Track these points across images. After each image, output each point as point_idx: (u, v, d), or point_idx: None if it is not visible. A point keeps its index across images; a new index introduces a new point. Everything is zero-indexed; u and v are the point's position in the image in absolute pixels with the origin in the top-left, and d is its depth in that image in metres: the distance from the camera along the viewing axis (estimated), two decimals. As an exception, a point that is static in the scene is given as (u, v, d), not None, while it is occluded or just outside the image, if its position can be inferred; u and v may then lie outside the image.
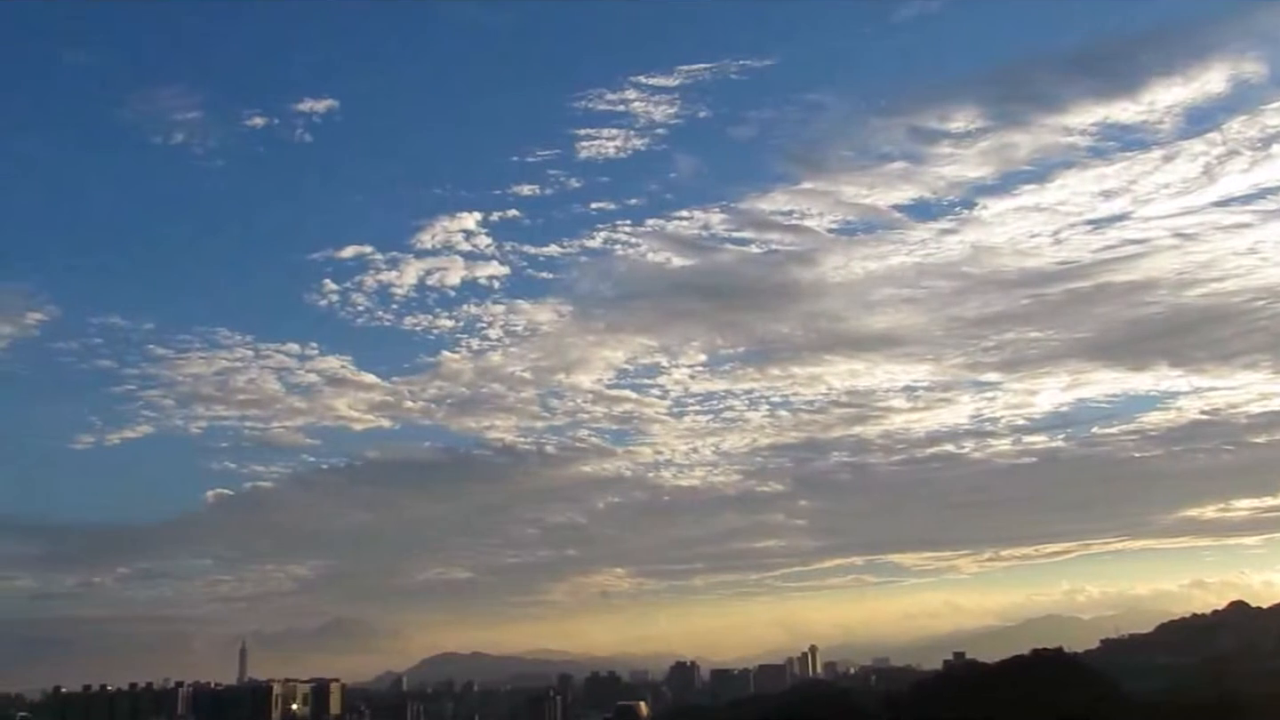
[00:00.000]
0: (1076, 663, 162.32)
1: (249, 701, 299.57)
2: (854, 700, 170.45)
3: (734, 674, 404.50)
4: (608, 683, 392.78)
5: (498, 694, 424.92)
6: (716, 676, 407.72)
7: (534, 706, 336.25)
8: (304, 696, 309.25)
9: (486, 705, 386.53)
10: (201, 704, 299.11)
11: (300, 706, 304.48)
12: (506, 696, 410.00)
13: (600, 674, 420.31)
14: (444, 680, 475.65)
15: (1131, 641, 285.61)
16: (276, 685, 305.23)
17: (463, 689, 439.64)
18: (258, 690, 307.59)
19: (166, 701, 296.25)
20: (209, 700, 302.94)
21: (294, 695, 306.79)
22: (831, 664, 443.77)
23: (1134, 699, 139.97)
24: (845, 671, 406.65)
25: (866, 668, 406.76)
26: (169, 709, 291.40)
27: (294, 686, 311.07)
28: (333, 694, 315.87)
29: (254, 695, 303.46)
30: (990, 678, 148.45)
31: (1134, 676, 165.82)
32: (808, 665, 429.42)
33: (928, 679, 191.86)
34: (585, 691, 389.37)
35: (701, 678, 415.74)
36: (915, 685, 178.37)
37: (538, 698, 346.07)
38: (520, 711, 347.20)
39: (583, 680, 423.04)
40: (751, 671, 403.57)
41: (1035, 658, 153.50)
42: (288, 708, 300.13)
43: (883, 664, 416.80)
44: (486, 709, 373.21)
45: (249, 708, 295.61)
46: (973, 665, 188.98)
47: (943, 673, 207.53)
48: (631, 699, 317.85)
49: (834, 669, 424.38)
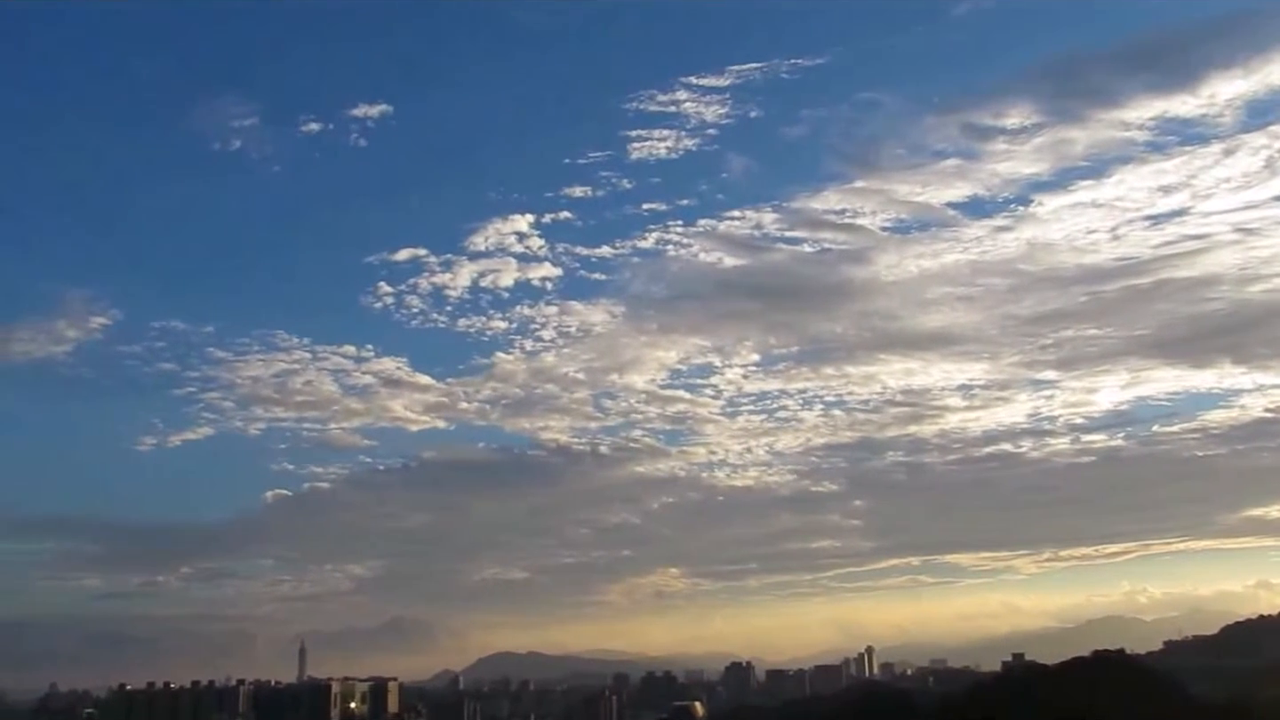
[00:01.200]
0: (1139, 665, 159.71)
1: (308, 700, 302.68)
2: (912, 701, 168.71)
3: (789, 674, 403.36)
4: (663, 683, 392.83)
5: (553, 693, 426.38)
6: (772, 677, 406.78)
7: (589, 706, 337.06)
8: (362, 695, 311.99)
9: (542, 705, 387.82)
10: (262, 702, 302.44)
11: (359, 705, 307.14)
12: (562, 696, 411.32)
13: (655, 674, 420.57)
14: (500, 679, 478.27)
15: (1195, 643, 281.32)
16: (335, 684, 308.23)
17: (519, 688, 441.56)
18: (317, 689, 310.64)
19: (228, 699, 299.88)
20: (269, 698, 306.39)
21: (352, 694, 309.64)
22: (888, 665, 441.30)
23: (1199, 702, 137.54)
24: (902, 672, 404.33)
25: (924, 669, 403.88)
26: (230, 707, 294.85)
27: (352, 685, 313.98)
28: (390, 693, 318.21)
29: (313, 694, 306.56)
30: (1050, 679, 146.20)
31: (1199, 679, 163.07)
32: (864, 666, 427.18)
33: (986, 680, 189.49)
34: (640, 691, 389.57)
35: (757, 678, 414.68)
36: (973, 686, 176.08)
37: (593, 697, 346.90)
38: (576, 711, 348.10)
39: (638, 680, 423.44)
40: (807, 672, 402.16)
41: (1096, 659, 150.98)
42: (346, 706, 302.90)
43: (940, 665, 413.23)
44: (542, 708, 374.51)
45: (308, 706, 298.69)
46: (1032, 667, 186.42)
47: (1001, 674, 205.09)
48: (687, 699, 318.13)
49: (891, 670, 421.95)
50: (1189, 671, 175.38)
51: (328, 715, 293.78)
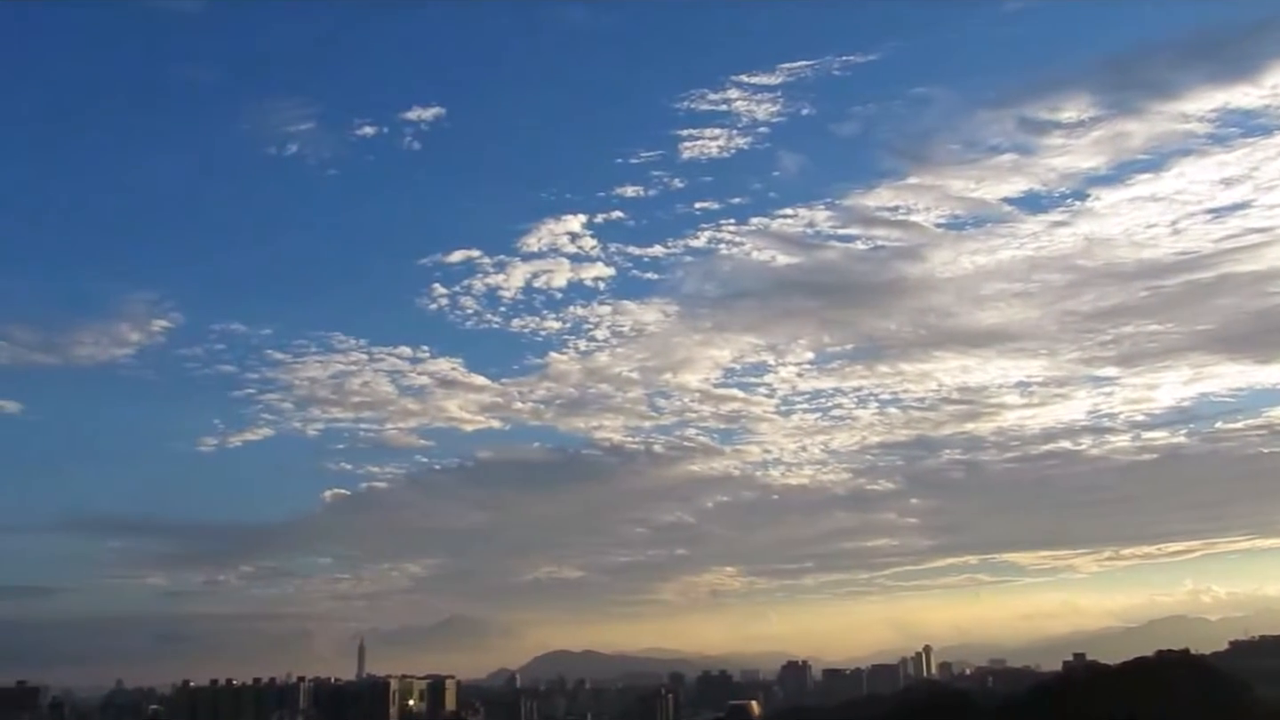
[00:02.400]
0: (1205, 665, 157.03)
1: (368, 697, 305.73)
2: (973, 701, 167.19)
3: (846, 674, 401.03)
4: (719, 682, 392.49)
5: (609, 692, 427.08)
6: (829, 676, 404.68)
7: (646, 705, 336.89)
8: (420, 693, 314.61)
9: (598, 703, 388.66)
10: (322, 699, 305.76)
11: (417, 702, 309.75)
12: (618, 695, 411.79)
13: (711, 673, 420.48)
14: (556, 678, 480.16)
15: (1263, 644, 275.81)
16: (394, 681, 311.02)
17: (575, 686, 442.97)
18: (376, 686, 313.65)
19: (289, 696, 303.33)
20: (329, 696, 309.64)
21: (411, 691, 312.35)
22: (946, 664, 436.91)
23: (1266, 704, 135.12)
24: (961, 672, 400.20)
25: (982, 669, 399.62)
26: (291, 704, 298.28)
27: (411, 683, 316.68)
28: (448, 690, 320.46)
29: (372, 691, 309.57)
30: (1113, 679, 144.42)
31: (1266, 681, 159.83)
32: (922, 665, 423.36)
33: (1047, 680, 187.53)
34: (696, 690, 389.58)
35: (813, 677, 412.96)
36: (1034, 687, 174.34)
37: (649, 696, 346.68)
38: (632, 710, 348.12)
39: (694, 679, 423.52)
40: (864, 671, 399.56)
41: (1161, 660, 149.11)
42: (405, 703, 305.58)
43: (999, 665, 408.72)
44: (598, 707, 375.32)
45: (368, 703, 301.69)
46: (1095, 667, 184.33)
47: (1063, 674, 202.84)
48: (743, 698, 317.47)
49: (949, 670, 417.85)
50: (1256, 673, 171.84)
51: (386, 712, 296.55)
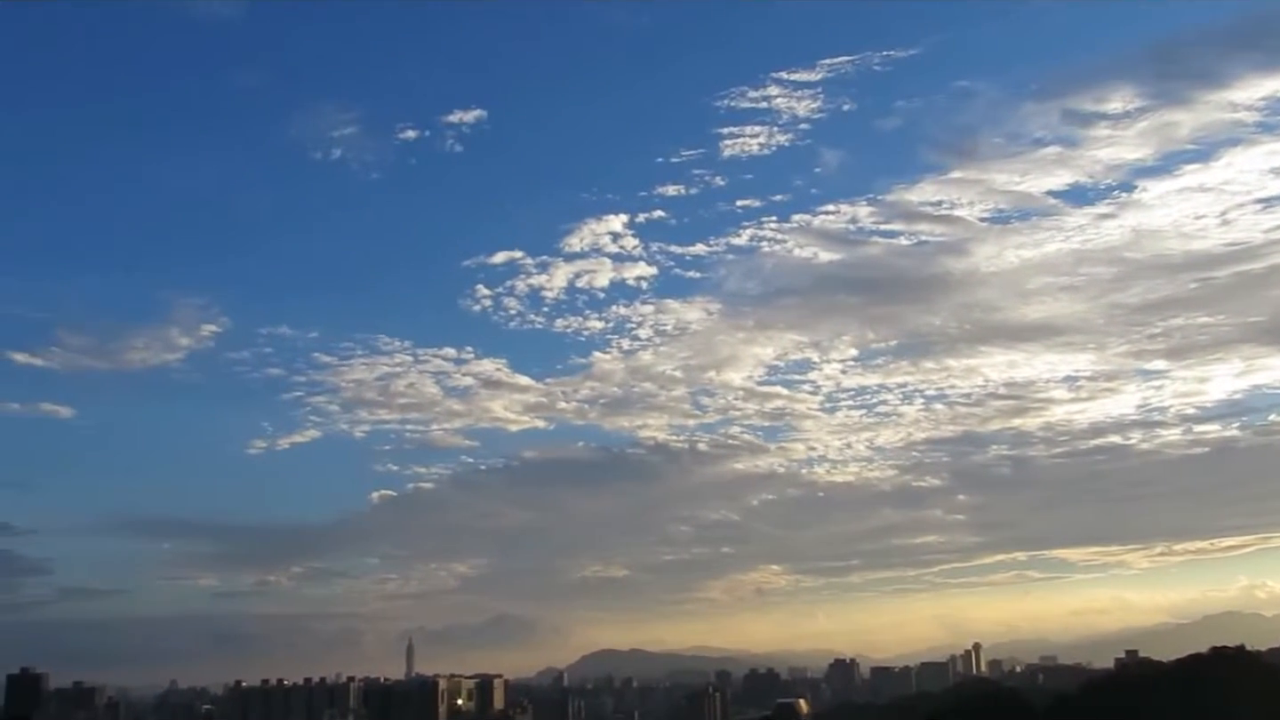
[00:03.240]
0: (1262, 662, 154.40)
1: (417, 696, 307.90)
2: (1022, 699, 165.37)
3: (895, 671, 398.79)
4: (766, 680, 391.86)
5: (657, 690, 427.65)
6: (877, 674, 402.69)
7: (693, 703, 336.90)
8: (469, 691, 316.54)
9: (646, 701, 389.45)
10: (372, 699, 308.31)
11: (465, 701, 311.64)
12: (666, 693, 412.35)
13: (759, 671, 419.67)
14: (603, 676, 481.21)
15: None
16: (442, 680, 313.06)
17: (622, 685, 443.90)
18: (425, 685, 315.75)
19: (339, 696, 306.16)
20: (379, 695, 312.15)
21: (459, 690, 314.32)
22: (996, 662, 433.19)
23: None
24: (1010, 669, 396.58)
25: (1033, 666, 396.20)
26: (341, 703, 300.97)
27: (459, 682, 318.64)
28: (496, 689, 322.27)
29: (422, 690, 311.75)
30: (1167, 677, 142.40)
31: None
32: (971, 663, 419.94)
33: (1099, 678, 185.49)
34: (744, 688, 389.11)
35: (861, 675, 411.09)
36: (1086, 684, 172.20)
37: (697, 694, 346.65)
38: (680, 708, 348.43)
39: (741, 677, 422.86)
40: (913, 669, 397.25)
41: (1215, 656, 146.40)
42: (454, 702, 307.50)
43: (1050, 662, 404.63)
44: (646, 705, 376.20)
45: (417, 703, 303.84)
46: (1148, 664, 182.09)
47: (1115, 671, 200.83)
48: (791, 696, 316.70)
49: (999, 667, 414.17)
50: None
51: (436, 711, 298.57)
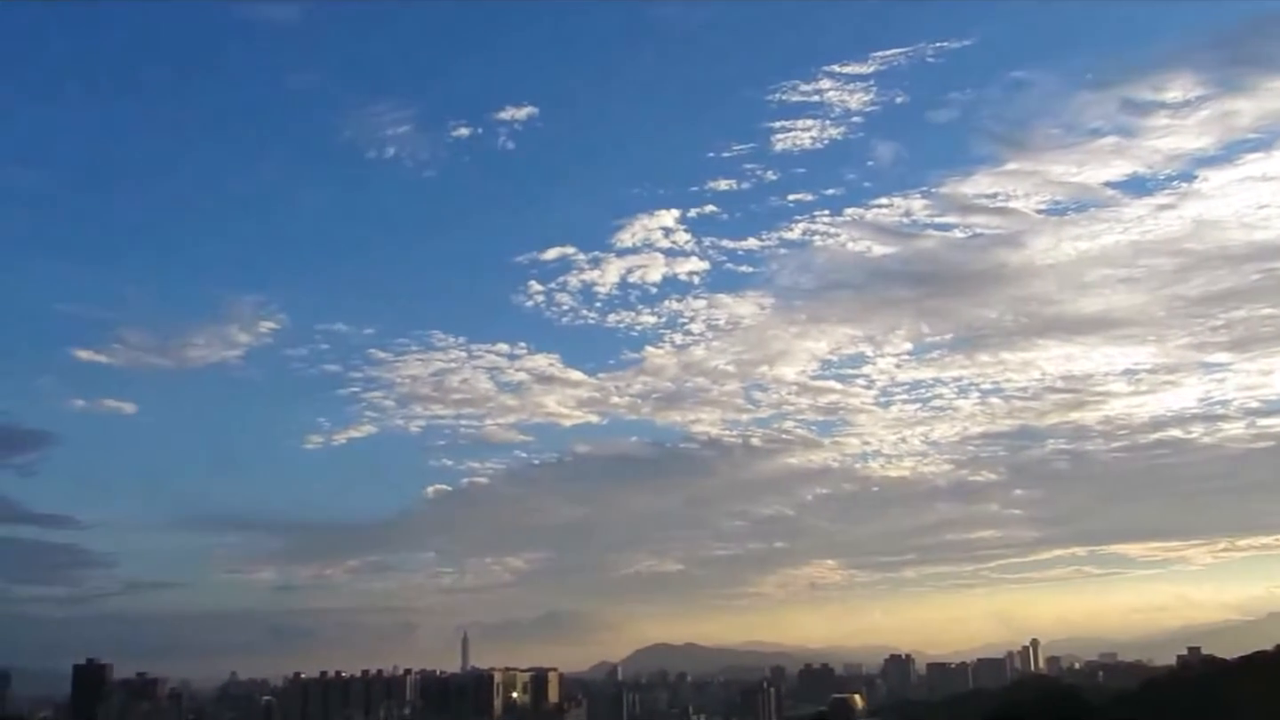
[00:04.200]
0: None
1: (473, 689, 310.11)
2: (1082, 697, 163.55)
3: (951, 668, 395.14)
4: (821, 675, 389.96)
5: (711, 685, 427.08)
6: (933, 670, 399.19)
7: (748, 698, 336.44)
8: (524, 685, 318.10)
9: (700, 696, 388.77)
10: (429, 691, 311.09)
11: (520, 695, 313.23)
12: (720, 688, 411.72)
13: (813, 666, 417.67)
14: (657, 671, 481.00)
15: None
16: (497, 674, 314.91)
17: (676, 680, 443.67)
18: (480, 679, 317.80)
19: (396, 688, 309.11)
20: (435, 688, 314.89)
21: (514, 684, 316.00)
22: (1054, 658, 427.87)
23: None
24: (1069, 667, 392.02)
25: (1093, 663, 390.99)
26: (398, 695, 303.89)
27: (514, 675, 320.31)
28: (551, 683, 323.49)
29: (477, 683, 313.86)
30: (1230, 675, 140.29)
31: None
32: (1029, 659, 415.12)
33: (1160, 676, 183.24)
34: (798, 684, 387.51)
35: (917, 671, 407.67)
36: (1147, 682, 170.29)
37: (751, 689, 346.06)
38: (734, 703, 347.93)
39: (795, 673, 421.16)
40: (970, 665, 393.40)
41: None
42: (509, 696, 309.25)
43: (1110, 659, 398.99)
44: (700, 700, 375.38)
45: (473, 695, 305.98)
46: (1211, 661, 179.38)
47: (1177, 669, 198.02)
48: (846, 692, 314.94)
49: (1057, 664, 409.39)
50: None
51: (491, 704, 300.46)
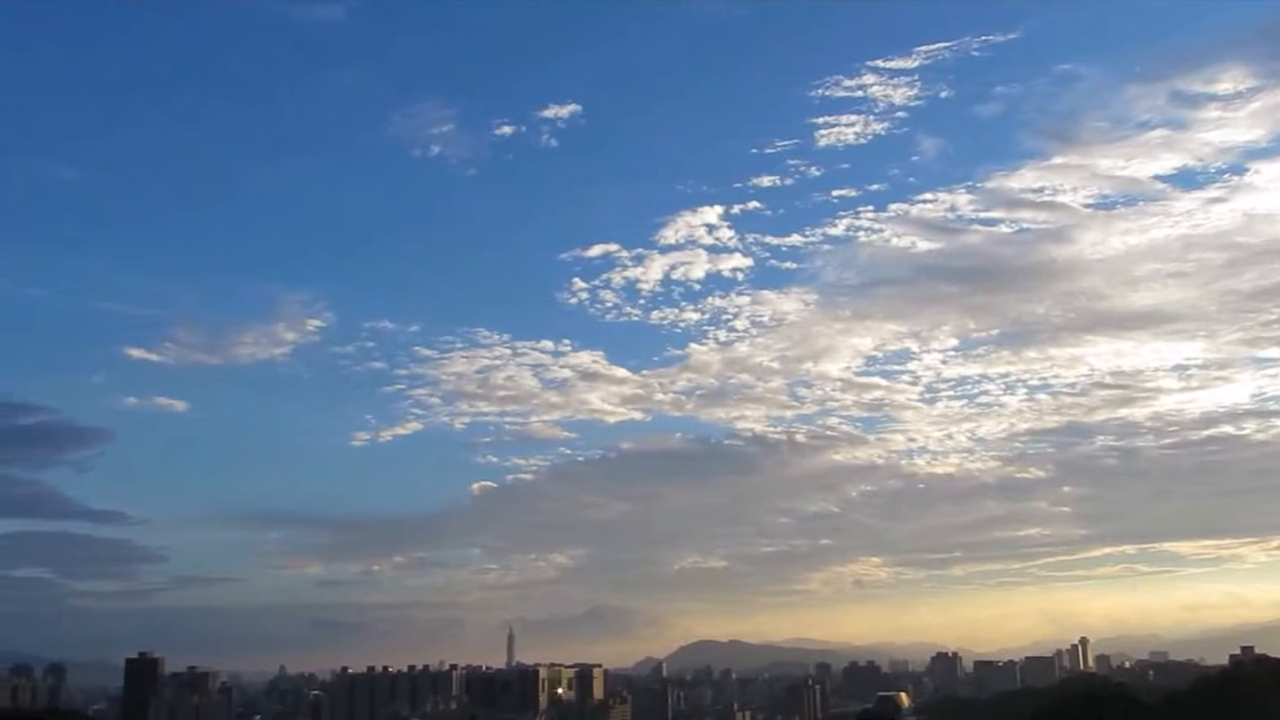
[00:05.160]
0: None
1: (518, 685, 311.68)
2: (1132, 696, 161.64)
3: (999, 665, 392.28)
4: (867, 672, 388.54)
5: (756, 682, 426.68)
6: (980, 668, 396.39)
7: (793, 695, 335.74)
8: (569, 681, 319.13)
9: (745, 693, 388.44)
10: (475, 686, 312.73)
11: (566, 691, 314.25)
12: (765, 685, 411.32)
13: (859, 664, 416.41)
14: (702, 667, 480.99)
15: None
16: (543, 669, 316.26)
17: (721, 676, 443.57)
18: (526, 674, 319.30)
19: (442, 683, 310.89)
20: (481, 683, 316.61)
21: (560, 679, 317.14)
22: (1104, 657, 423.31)
23: None
24: (1119, 665, 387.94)
25: (1143, 662, 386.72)
26: (444, 690, 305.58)
27: (559, 671, 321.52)
28: (596, 679, 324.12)
29: (523, 679, 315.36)
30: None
31: None
32: (1078, 658, 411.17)
33: (1213, 675, 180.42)
34: (844, 681, 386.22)
35: (964, 669, 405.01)
36: (1199, 681, 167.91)
37: (797, 686, 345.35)
38: (780, 700, 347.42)
39: (841, 670, 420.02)
40: (1018, 663, 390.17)
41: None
42: (554, 691, 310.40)
43: (1161, 658, 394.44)
44: (745, 697, 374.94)
45: (518, 691, 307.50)
46: (1264, 661, 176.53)
47: (1229, 669, 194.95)
48: (892, 690, 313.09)
49: (1106, 662, 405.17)
50: None
51: (537, 700, 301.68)
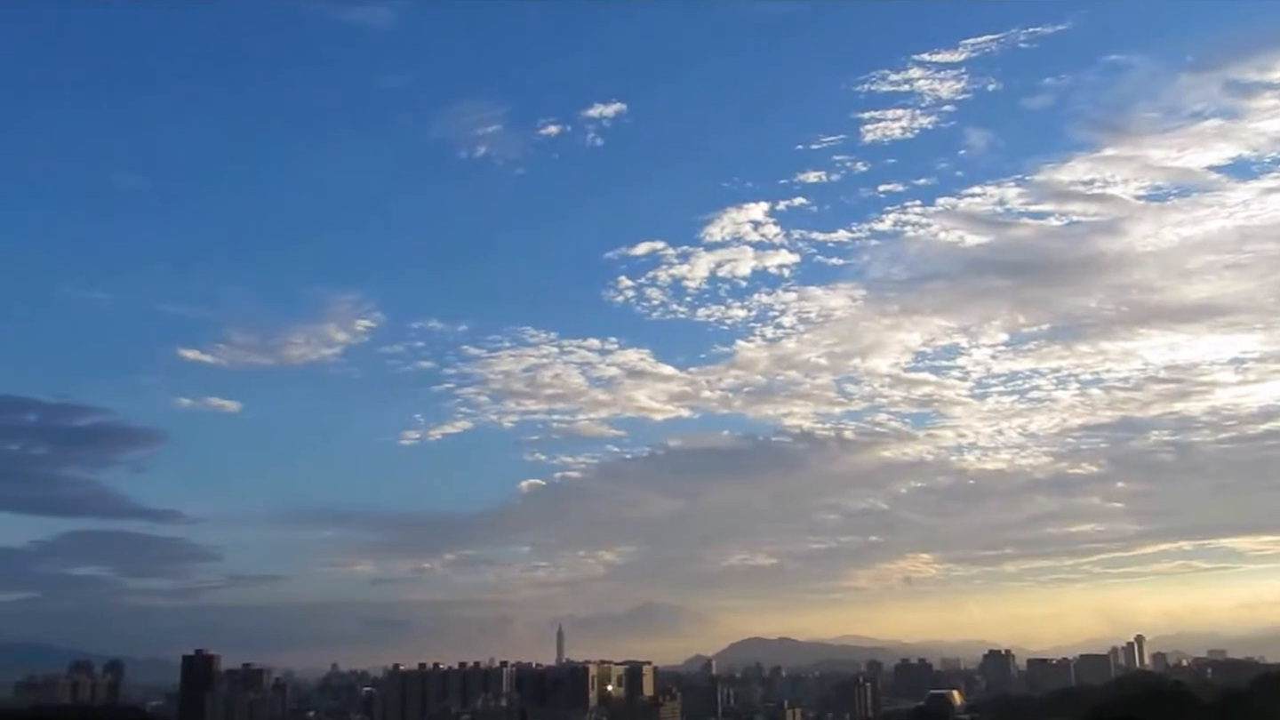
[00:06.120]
0: None
1: (568, 682, 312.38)
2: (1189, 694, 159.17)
3: (1052, 664, 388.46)
4: (918, 670, 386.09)
5: (806, 680, 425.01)
6: (1033, 666, 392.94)
7: (843, 693, 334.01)
8: (618, 678, 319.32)
9: (795, 690, 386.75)
10: (525, 683, 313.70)
11: (615, 688, 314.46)
12: (815, 682, 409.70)
13: (910, 661, 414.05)
14: (752, 665, 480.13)
15: None
16: (592, 667, 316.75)
17: (770, 674, 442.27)
18: (575, 672, 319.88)
19: (492, 680, 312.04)
20: (531, 680, 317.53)
21: (609, 677, 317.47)
22: (1160, 655, 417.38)
23: None
24: (1176, 663, 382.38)
25: (1200, 660, 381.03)
26: (495, 687, 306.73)
27: (609, 668, 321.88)
28: (645, 676, 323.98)
29: (572, 676, 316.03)
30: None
31: None
32: (1134, 656, 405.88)
33: (1273, 673, 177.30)
34: (895, 679, 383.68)
35: (1017, 667, 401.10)
36: (1258, 679, 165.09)
37: (847, 684, 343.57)
38: (830, 698, 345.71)
39: (892, 668, 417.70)
40: (1072, 661, 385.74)
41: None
42: (604, 689, 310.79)
43: (1219, 656, 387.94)
44: (795, 694, 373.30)
45: (568, 688, 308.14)
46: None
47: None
48: (943, 688, 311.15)
49: (1163, 660, 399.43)
50: None
51: (586, 697, 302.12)
